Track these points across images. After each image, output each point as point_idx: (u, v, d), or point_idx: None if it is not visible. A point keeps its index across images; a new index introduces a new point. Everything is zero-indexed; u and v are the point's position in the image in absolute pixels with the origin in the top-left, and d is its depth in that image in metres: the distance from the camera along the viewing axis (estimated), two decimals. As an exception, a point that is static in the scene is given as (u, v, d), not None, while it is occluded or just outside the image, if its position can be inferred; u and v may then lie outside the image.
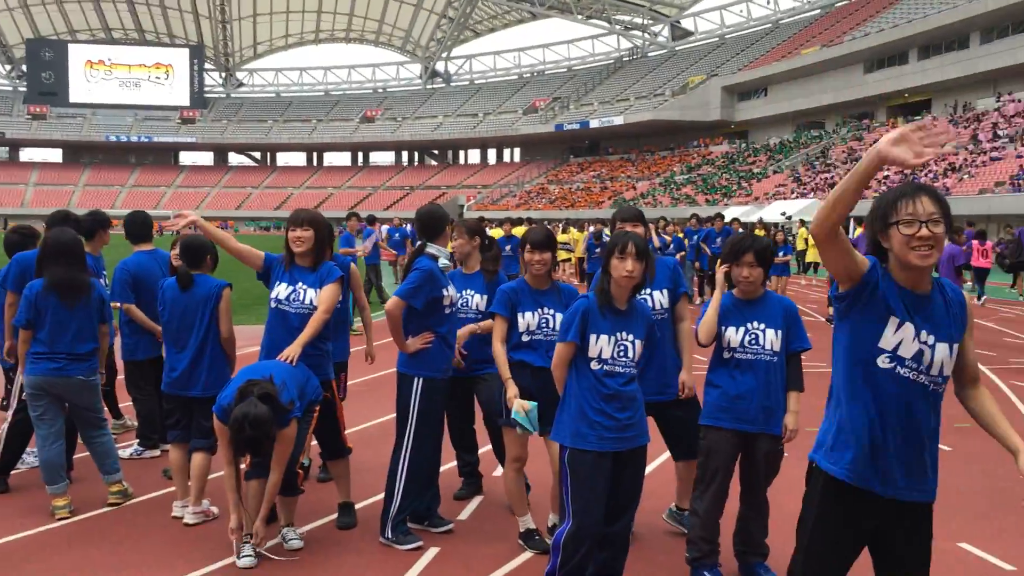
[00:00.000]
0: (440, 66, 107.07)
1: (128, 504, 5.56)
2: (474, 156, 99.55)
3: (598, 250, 17.87)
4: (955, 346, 2.76)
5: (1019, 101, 47.34)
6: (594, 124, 79.63)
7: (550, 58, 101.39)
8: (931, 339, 2.70)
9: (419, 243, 5.12)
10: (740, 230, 18.74)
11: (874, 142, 2.55)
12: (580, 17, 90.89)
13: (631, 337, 3.88)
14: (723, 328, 4.32)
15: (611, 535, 3.95)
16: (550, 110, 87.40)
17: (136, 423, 6.85)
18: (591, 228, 20.52)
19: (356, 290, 6.29)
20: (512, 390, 4.50)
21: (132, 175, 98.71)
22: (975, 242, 19.18)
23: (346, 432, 5.33)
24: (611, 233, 4.50)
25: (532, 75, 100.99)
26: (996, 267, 19.29)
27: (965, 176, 41.01)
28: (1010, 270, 22.39)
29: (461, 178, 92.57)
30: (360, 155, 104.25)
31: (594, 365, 3.85)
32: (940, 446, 2.89)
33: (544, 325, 4.72)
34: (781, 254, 15.81)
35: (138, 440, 6.72)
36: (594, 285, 3.98)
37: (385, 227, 23.13)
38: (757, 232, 22.16)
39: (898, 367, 2.72)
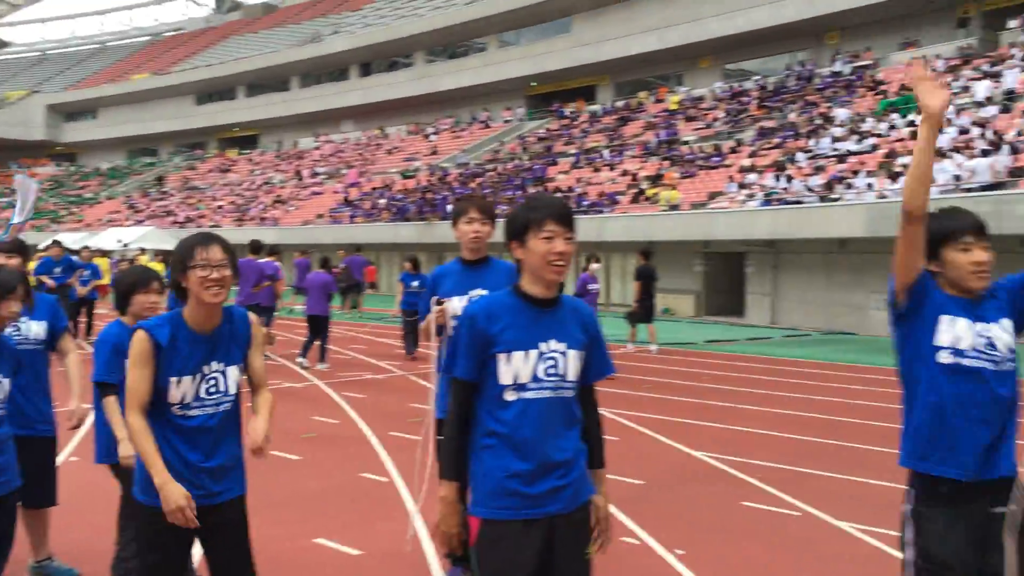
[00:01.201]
0: None
1: None
2: None
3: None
4: (242, 366, 3.30)
5: (333, 142, 53.09)
6: None
7: None
8: (222, 366, 3.20)
9: None
10: (80, 257, 17.50)
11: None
12: None
13: None
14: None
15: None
16: None
17: None
18: None
19: None
20: None
21: None
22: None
23: None
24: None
25: None
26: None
27: (291, 208, 44.51)
28: (345, 293, 25.26)
29: None
30: None
31: None
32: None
33: None
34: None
35: None
36: None
37: None
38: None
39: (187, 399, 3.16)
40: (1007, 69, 24.65)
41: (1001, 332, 2.93)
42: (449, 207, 34.86)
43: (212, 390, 3.18)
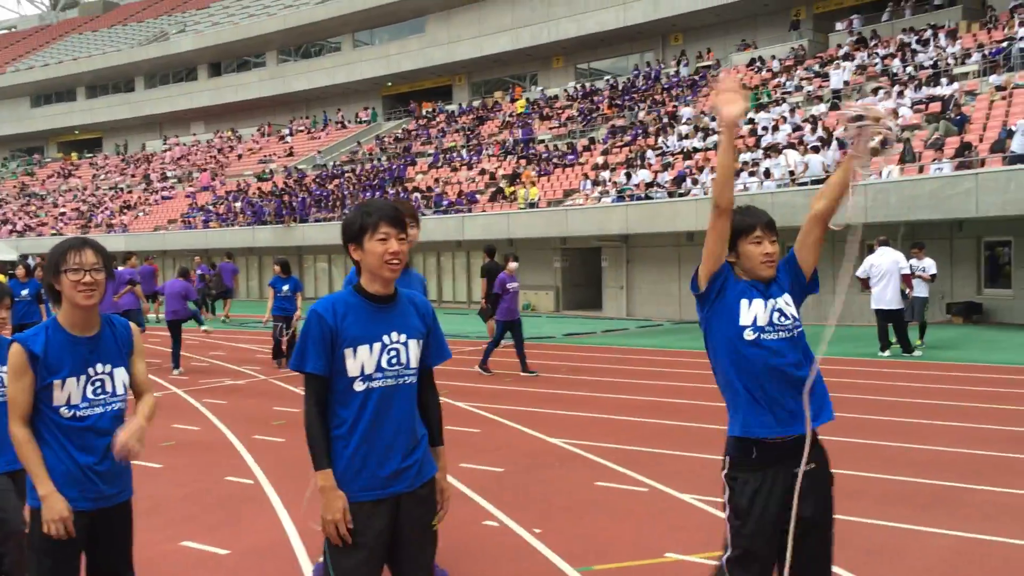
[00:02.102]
0: None
1: None
2: None
3: None
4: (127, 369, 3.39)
5: (183, 144, 51.42)
6: None
7: None
8: (108, 368, 3.29)
9: None
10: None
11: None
12: None
13: None
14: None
15: None
16: None
17: None
18: None
19: None
20: None
21: None
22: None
23: None
24: None
25: None
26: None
27: (140, 214, 42.93)
28: (215, 299, 24.78)
29: None
30: None
31: None
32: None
33: None
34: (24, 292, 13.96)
35: None
36: None
37: None
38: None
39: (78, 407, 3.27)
40: (834, 70, 26.37)
41: (786, 305, 3.40)
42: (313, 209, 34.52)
43: (99, 391, 3.28)
